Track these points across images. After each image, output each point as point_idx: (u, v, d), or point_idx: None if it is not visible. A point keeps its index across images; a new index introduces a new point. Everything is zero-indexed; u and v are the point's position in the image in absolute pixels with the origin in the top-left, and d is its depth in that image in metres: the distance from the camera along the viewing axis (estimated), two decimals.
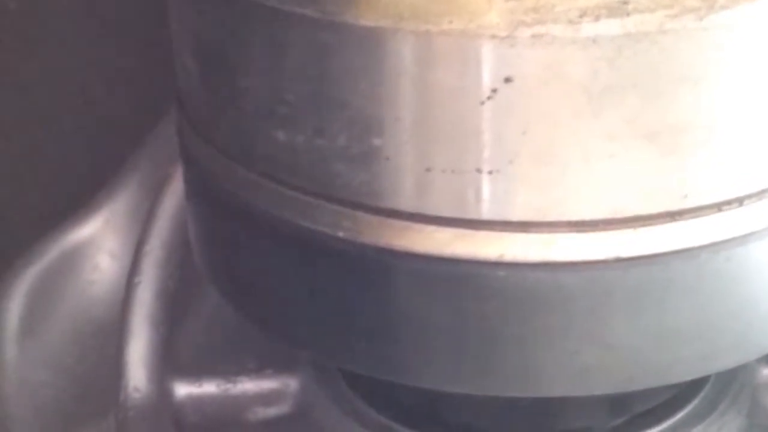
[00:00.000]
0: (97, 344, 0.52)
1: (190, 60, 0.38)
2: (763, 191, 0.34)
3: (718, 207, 0.34)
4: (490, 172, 0.33)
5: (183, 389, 0.47)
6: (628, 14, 0.31)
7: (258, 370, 0.47)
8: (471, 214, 0.34)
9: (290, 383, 0.47)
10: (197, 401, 0.47)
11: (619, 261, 0.34)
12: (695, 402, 0.45)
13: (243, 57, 0.35)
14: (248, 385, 0.47)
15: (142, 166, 0.54)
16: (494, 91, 0.32)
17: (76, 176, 0.60)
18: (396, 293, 0.36)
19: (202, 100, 0.38)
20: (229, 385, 0.47)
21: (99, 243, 0.54)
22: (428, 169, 0.33)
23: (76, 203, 0.55)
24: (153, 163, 0.54)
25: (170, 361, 0.47)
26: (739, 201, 0.34)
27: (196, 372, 0.47)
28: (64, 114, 0.64)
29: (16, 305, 0.52)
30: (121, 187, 0.55)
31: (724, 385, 0.45)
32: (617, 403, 0.43)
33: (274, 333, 0.41)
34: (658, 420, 0.44)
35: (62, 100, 0.63)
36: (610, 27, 0.31)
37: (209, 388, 0.47)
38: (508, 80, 0.32)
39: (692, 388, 0.45)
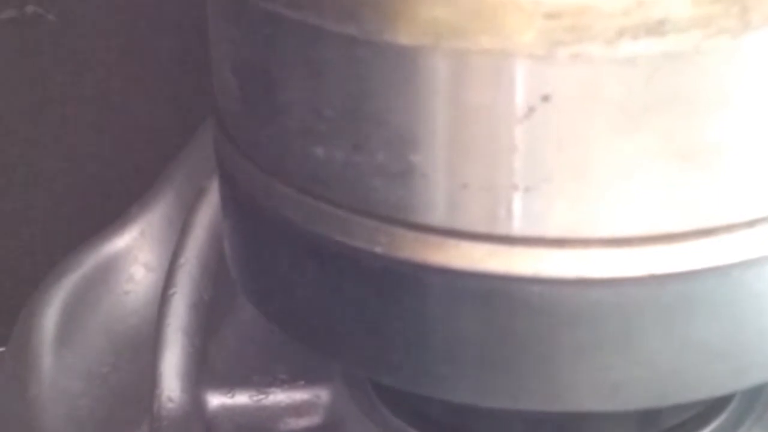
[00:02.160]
0: (131, 354, 0.52)
1: (229, 75, 0.38)
2: None
3: (751, 225, 0.34)
4: (526, 189, 0.33)
5: (216, 400, 0.47)
6: (664, 34, 0.31)
7: (290, 381, 0.47)
8: (506, 230, 0.34)
9: (322, 395, 0.47)
10: (230, 412, 0.47)
11: (652, 278, 0.34)
12: (722, 418, 0.45)
13: (282, 73, 0.36)
14: (280, 397, 0.47)
15: (178, 178, 0.55)
16: (532, 109, 0.32)
17: (112, 187, 0.60)
18: (430, 308, 0.36)
19: (240, 115, 0.39)
20: (262, 396, 0.47)
21: (134, 254, 0.54)
22: (464, 186, 0.34)
23: (113, 214, 0.55)
24: (188, 176, 0.54)
25: (204, 372, 0.47)
26: None
27: (229, 383, 0.47)
28: (101, 125, 0.64)
29: (51, 315, 0.52)
30: (157, 199, 0.55)
31: (750, 402, 0.45)
32: (645, 418, 0.43)
33: (308, 345, 0.41)
34: None
35: (98, 111, 0.64)
36: (647, 46, 0.31)
37: (242, 398, 0.47)
38: (545, 98, 0.32)
39: (719, 404, 0.45)
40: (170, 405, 0.46)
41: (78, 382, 0.51)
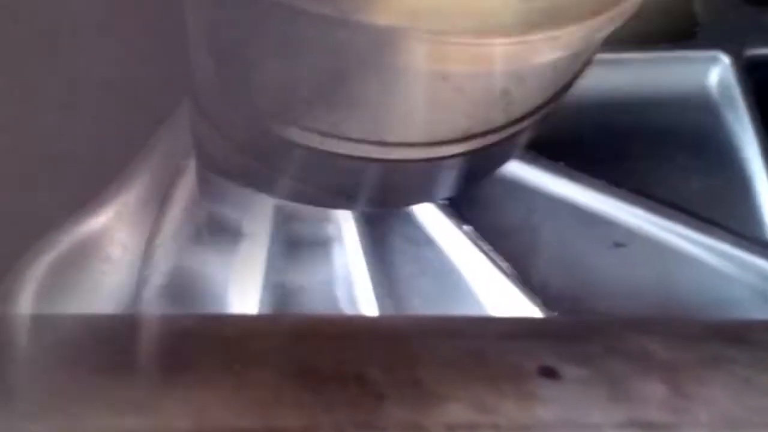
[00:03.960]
0: None
1: (206, 55, 0.38)
2: None
3: None
4: None
5: None
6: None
7: None
8: None
9: None
10: None
11: None
12: None
13: (259, 53, 0.36)
14: None
15: (155, 158, 0.54)
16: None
17: (88, 167, 0.60)
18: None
19: (216, 95, 0.39)
20: None
21: (111, 234, 0.54)
22: None
23: (89, 194, 0.55)
24: (165, 156, 0.54)
25: None
26: None
27: None
28: (76, 106, 0.64)
29: (28, 295, 0.52)
30: (133, 179, 0.55)
31: None
32: None
33: None
34: None
35: (73, 90, 0.64)
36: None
37: None
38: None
39: None
40: None
41: None
